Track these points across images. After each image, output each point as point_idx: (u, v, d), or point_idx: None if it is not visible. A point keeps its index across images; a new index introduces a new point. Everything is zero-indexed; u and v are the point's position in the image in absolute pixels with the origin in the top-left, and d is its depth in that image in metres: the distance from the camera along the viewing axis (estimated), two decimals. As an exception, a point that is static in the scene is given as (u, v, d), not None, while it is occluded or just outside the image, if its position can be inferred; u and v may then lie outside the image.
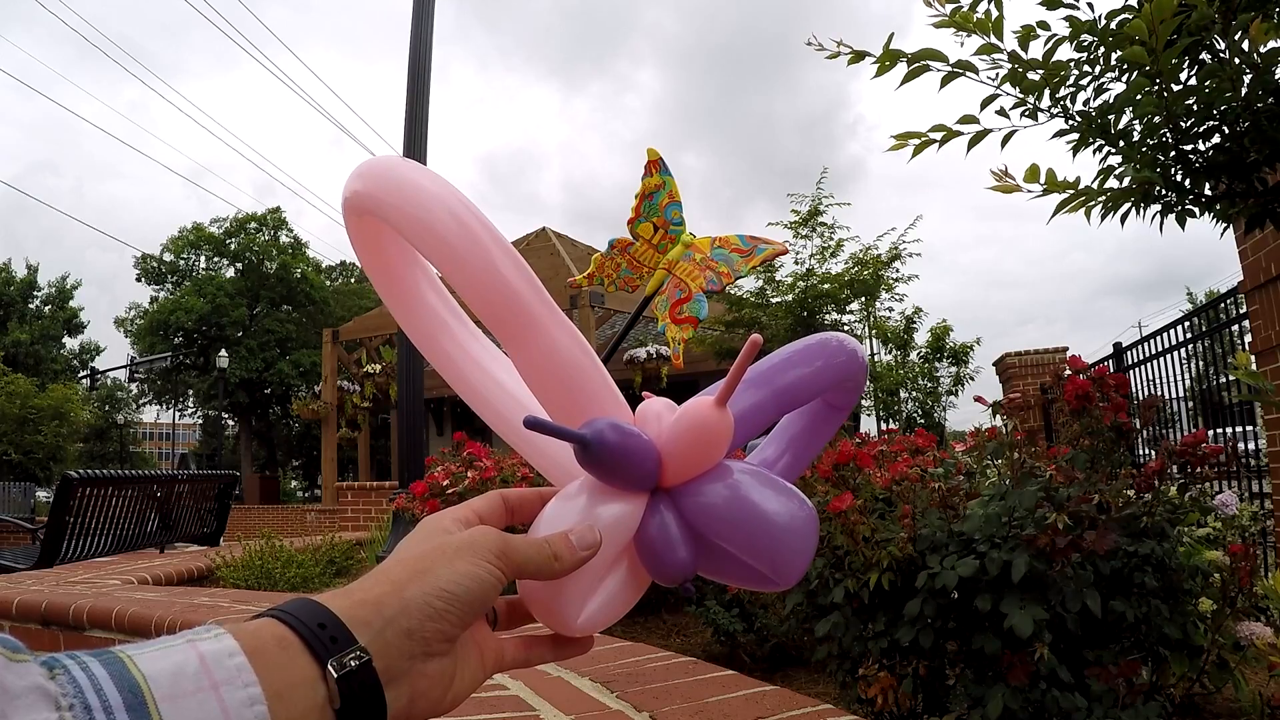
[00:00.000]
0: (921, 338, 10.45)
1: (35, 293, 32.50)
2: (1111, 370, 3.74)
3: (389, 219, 0.46)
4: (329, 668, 0.34)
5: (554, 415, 0.48)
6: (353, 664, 0.35)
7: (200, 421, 34.76)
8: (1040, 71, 1.69)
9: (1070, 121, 1.75)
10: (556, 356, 0.46)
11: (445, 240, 0.45)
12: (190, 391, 31.49)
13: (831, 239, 8.69)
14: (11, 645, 0.28)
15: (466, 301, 0.49)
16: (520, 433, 0.54)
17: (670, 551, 0.46)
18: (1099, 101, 1.75)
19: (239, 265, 30.07)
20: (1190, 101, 1.62)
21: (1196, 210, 1.71)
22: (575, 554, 0.43)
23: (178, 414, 33.10)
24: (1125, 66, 1.66)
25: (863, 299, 8.88)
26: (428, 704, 0.39)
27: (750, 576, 0.48)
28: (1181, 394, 4.88)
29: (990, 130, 1.72)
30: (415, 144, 4.22)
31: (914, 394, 10.59)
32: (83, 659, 0.29)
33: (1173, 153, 1.67)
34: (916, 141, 1.74)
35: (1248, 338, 3.55)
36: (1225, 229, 1.79)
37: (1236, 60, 1.56)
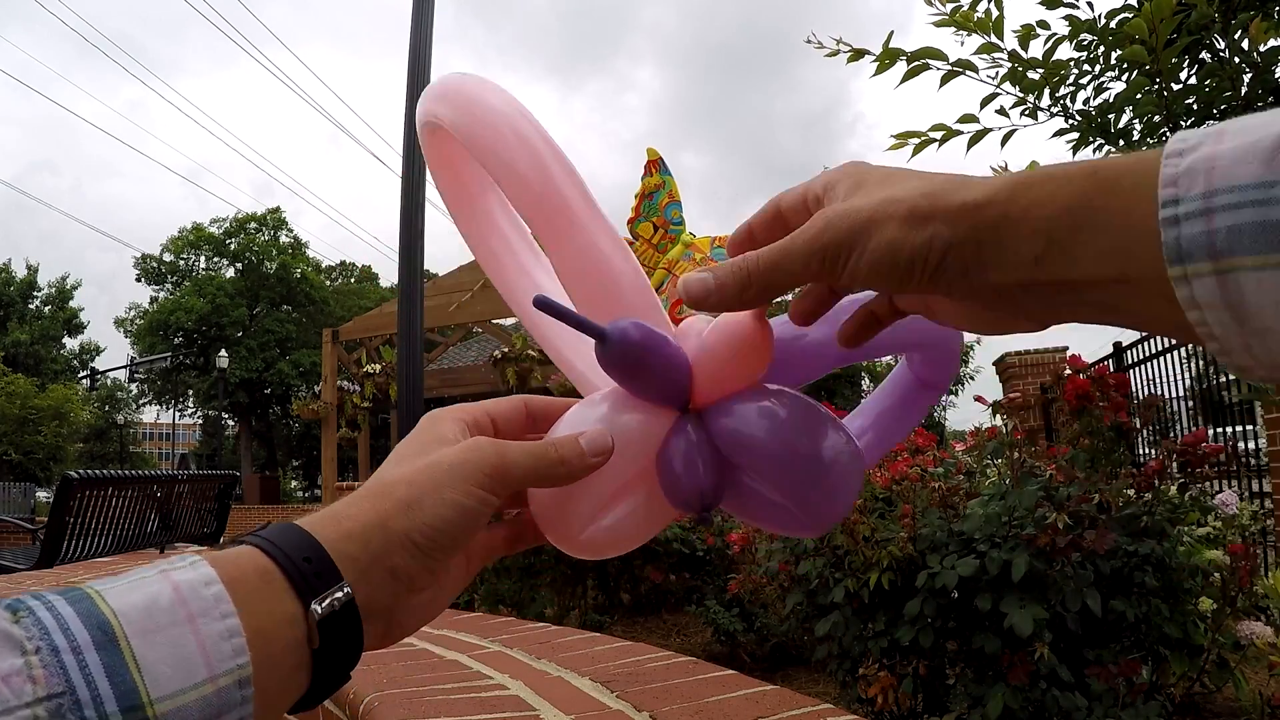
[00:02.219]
0: (921, 337, 10.45)
1: (35, 293, 32.51)
2: (1111, 370, 3.74)
3: (457, 134, 0.47)
4: (312, 608, 0.32)
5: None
6: (336, 605, 0.33)
7: (200, 421, 34.77)
8: (1040, 70, 1.69)
9: (1070, 120, 1.75)
10: (592, 253, 0.44)
11: (497, 148, 0.45)
12: (190, 391, 31.51)
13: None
14: None
15: (512, 200, 0.46)
16: (565, 350, 0.51)
17: (690, 470, 0.41)
18: (1099, 100, 1.75)
19: (239, 265, 30.09)
20: (1190, 100, 1.62)
21: (1196, 209, 1.71)
22: (585, 459, 0.39)
23: (178, 414, 33.12)
24: (1125, 65, 1.65)
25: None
26: (404, 631, 0.38)
27: (778, 517, 0.43)
28: (1181, 393, 4.88)
29: (990, 129, 1.72)
30: (415, 142, 4.22)
31: (914, 393, 10.58)
32: (48, 598, 0.27)
33: (1173, 152, 1.66)
34: (916, 141, 1.74)
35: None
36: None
37: (1236, 59, 1.56)
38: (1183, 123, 1.64)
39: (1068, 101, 1.75)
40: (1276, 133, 0.24)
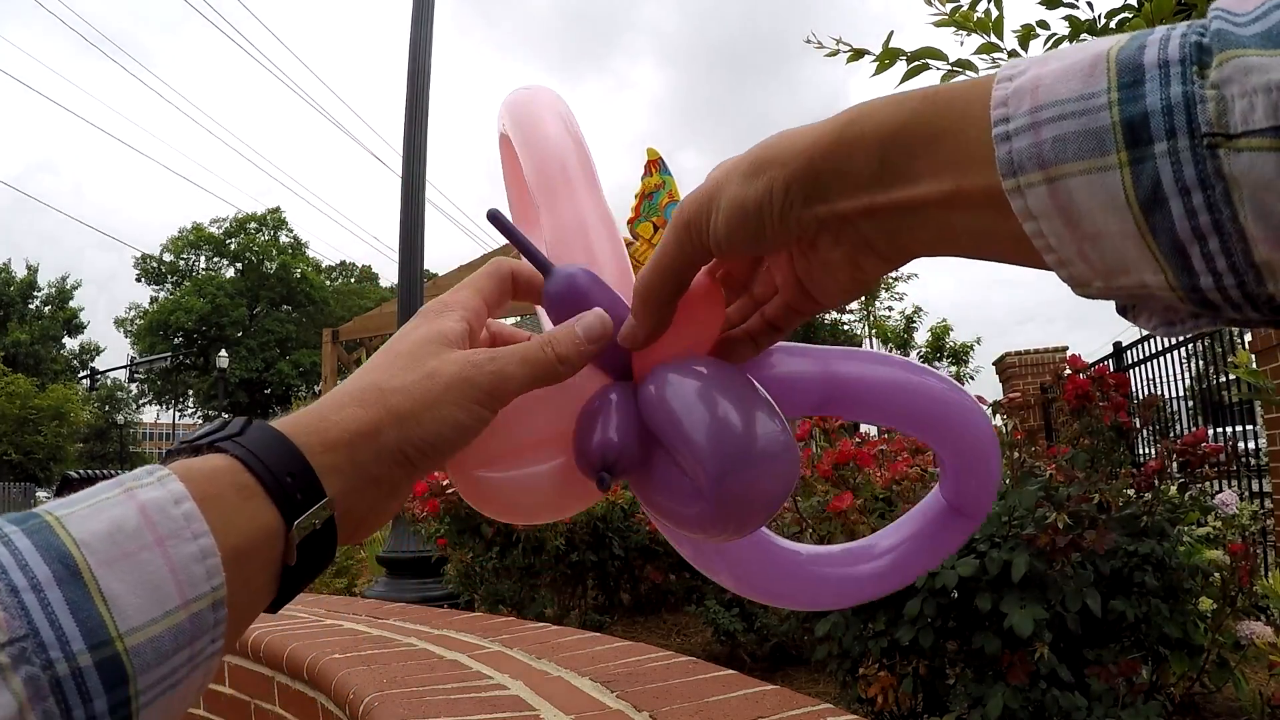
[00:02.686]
0: (921, 337, 10.48)
1: (35, 293, 32.54)
2: (1111, 369, 3.74)
3: (509, 131, 0.50)
4: (294, 528, 0.30)
5: None
6: (317, 523, 0.31)
7: (200, 422, 34.80)
8: (1040, 71, 1.69)
9: (1070, 121, 1.75)
10: (579, 223, 0.45)
11: (522, 121, 0.48)
12: (190, 391, 31.53)
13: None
14: None
15: (524, 168, 0.49)
16: None
17: (601, 425, 0.38)
18: (1099, 101, 1.75)
19: (239, 265, 30.11)
20: (1190, 100, 1.62)
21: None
22: (581, 348, 0.38)
23: (178, 414, 33.14)
24: (1125, 65, 1.65)
25: (862, 298, 8.90)
26: (369, 532, 0.36)
27: (685, 507, 0.37)
28: (1181, 393, 4.88)
29: (990, 129, 1.72)
30: (415, 142, 4.22)
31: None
32: (5, 532, 0.25)
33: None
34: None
35: (1248, 336, 3.55)
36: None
37: (1236, 59, 1.56)
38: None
39: (1068, 101, 1.75)
40: (1093, 52, 0.25)
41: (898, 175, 0.30)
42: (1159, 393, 4.79)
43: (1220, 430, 4.28)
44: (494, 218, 0.41)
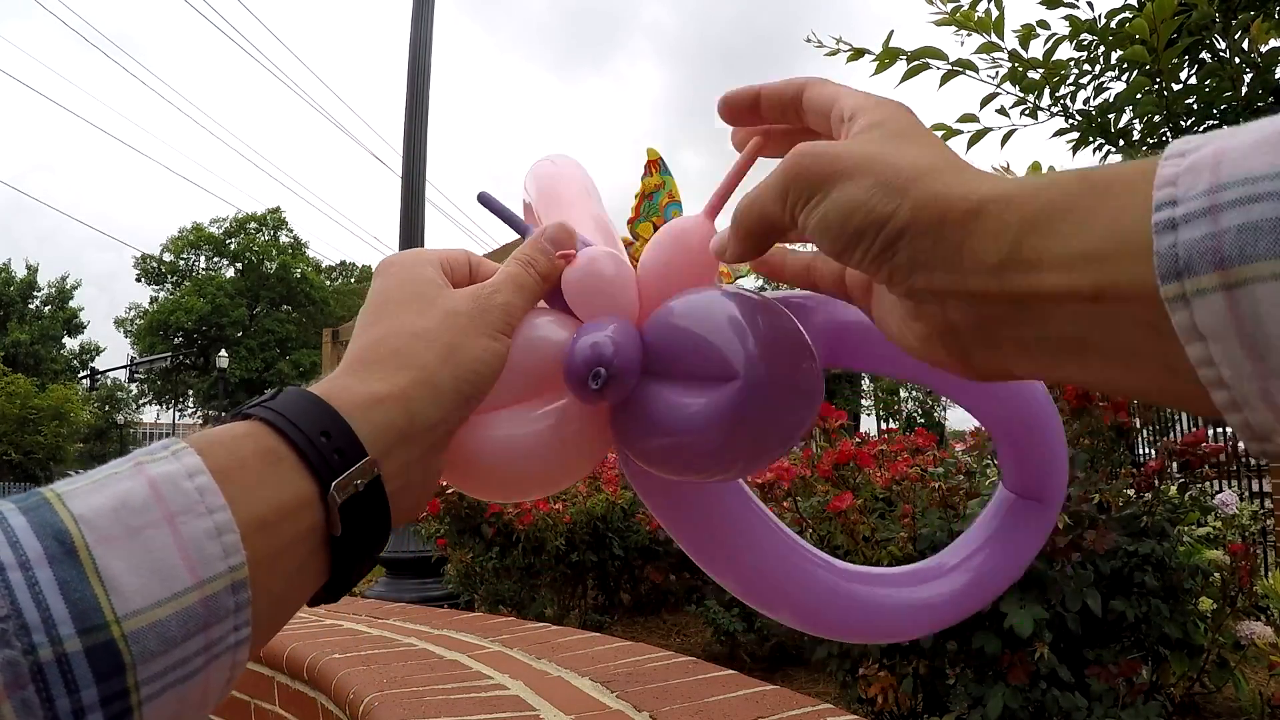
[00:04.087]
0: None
1: (35, 293, 32.54)
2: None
3: (533, 195, 0.50)
4: (331, 491, 0.27)
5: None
6: (360, 484, 0.28)
7: (200, 422, 34.76)
8: (1040, 70, 1.69)
9: (1070, 120, 1.75)
10: (561, 183, 0.46)
11: (539, 179, 0.48)
12: (190, 391, 31.53)
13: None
14: None
15: (535, 205, 0.50)
16: None
17: (583, 334, 0.35)
18: (1099, 100, 1.76)
19: (239, 265, 30.12)
20: (1190, 100, 1.62)
21: (1197, 209, 1.71)
22: (555, 260, 0.38)
23: (178, 414, 33.13)
24: (1125, 65, 1.66)
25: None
26: (425, 502, 0.34)
27: (687, 427, 0.33)
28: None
29: (990, 129, 1.72)
30: (415, 142, 4.22)
31: (914, 393, 10.59)
32: (2, 509, 0.23)
33: (1173, 152, 1.67)
34: (916, 141, 1.74)
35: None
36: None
37: (1237, 60, 1.56)
38: (1182, 122, 1.64)
39: (1068, 101, 1.75)
40: None
41: (1024, 262, 0.23)
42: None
43: (1220, 430, 4.28)
44: (484, 199, 0.41)
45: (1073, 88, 1.75)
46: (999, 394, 0.41)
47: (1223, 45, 1.62)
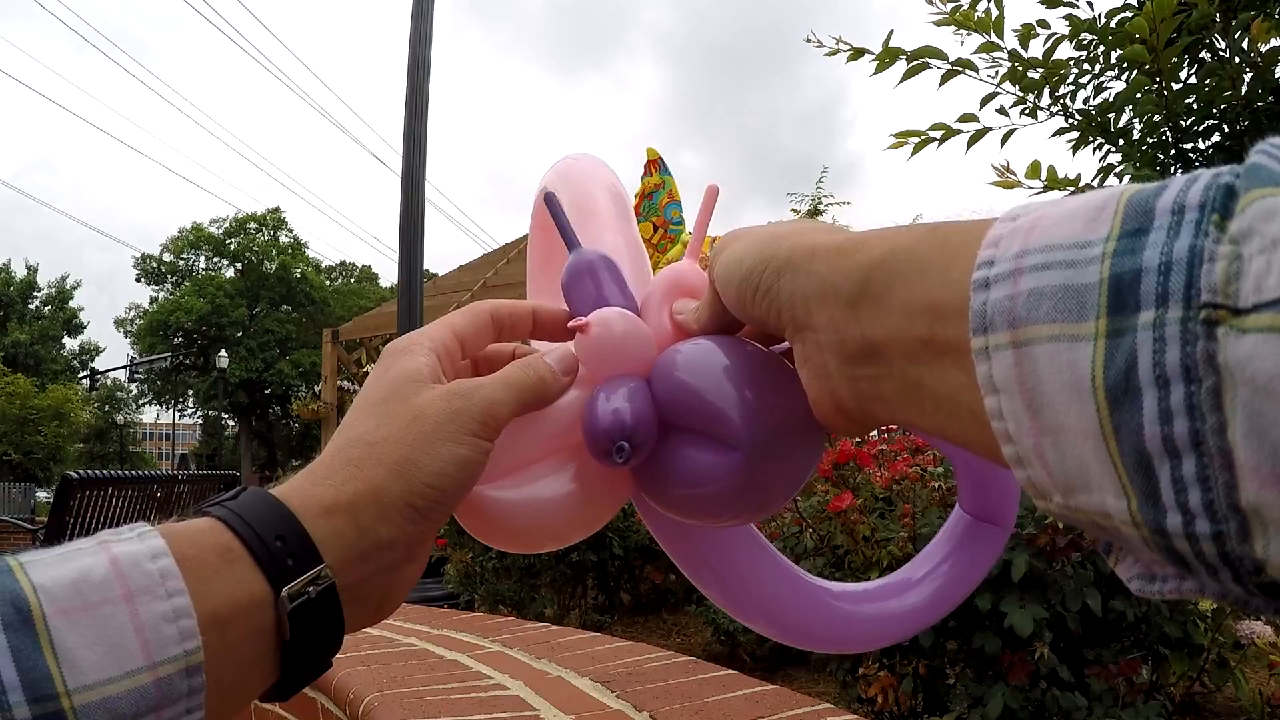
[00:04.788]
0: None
1: (35, 293, 32.55)
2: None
3: (556, 187, 0.51)
4: (282, 596, 0.27)
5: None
6: (312, 591, 0.28)
7: (200, 422, 34.78)
8: (1040, 70, 1.69)
9: (1070, 120, 1.75)
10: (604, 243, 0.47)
11: (568, 177, 0.50)
12: (190, 391, 31.53)
13: (831, 238, 8.73)
14: None
15: (566, 204, 0.51)
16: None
17: (603, 403, 0.36)
18: (1099, 100, 1.76)
19: (239, 265, 30.11)
20: (1190, 100, 1.62)
21: (1196, 209, 1.71)
22: (558, 377, 0.37)
23: (178, 414, 33.14)
24: (1125, 65, 1.66)
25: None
26: (396, 604, 0.33)
27: (706, 471, 0.35)
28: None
29: (990, 129, 1.72)
30: (415, 142, 4.22)
31: (914, 393, 10.60)
32: None
33: (1172, 151, 1.67)
34: (916, 140, 1.74)
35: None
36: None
37: (1237, 59, 1.56)
38: (1182, 122, 1.64)
39: (1068, 101, 1.75)
40: (1114, 193, 0.20)
41: (873, 303, 0.25)
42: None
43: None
44: (549, 200, 0.43)
45: (1072, 87, 1.75)
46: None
47: (1223, 45, 1.62)
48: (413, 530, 0.31)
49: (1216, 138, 1.66)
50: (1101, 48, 1.70)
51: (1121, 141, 1.71)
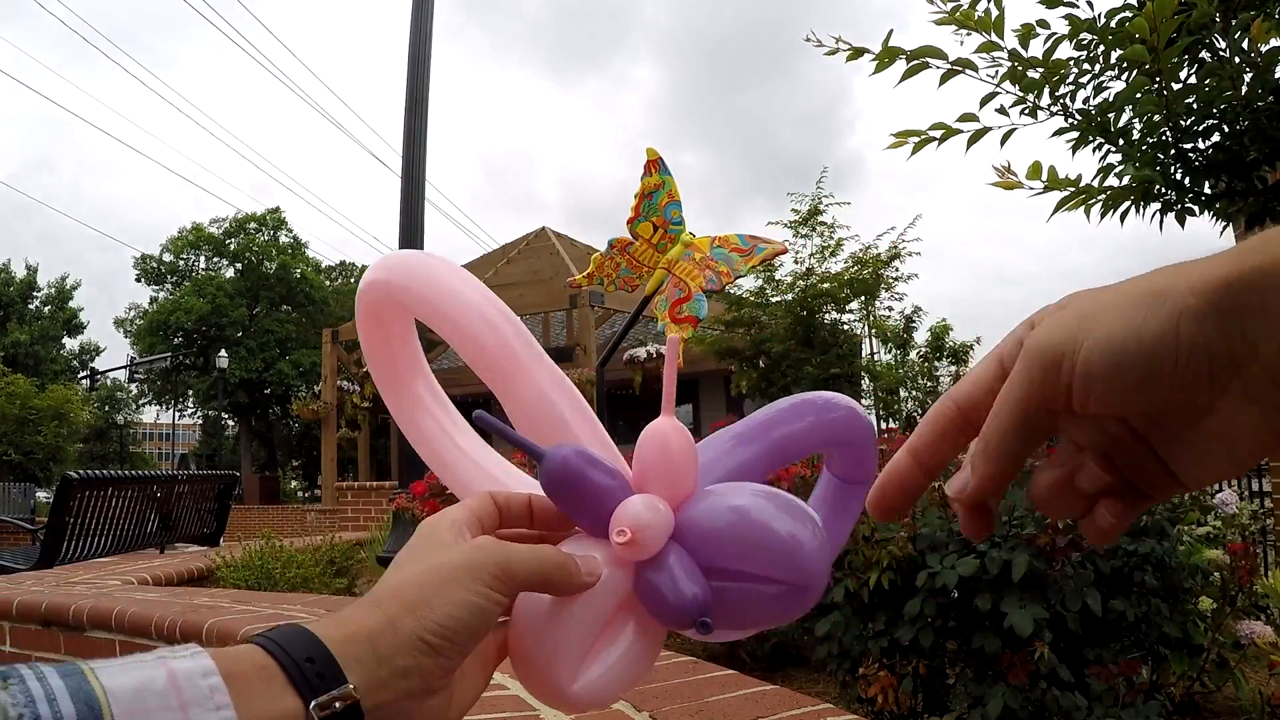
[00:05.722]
0: (921, 336, 10.45)
1: (35, 293, 32.54)
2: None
3: (407, 298, 0.51)
4: (312, 707, 0.32)
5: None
6: (338, 705, 0.32)
7: (200, 422, 34.75)
8: (1040, 69, 1.69)
9: (1070, 119, 1.75)
10: (541, 399, 0.47)
11: (450, 313, 0.49)
12: (190, 392, 31.51)
13: (831, 238, 8.70)
14: None
15: (466, 357, 0.50)
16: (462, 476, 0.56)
17: (675, 587, 0.41)
18: (1099, 100, 1.75)
19: (239, 265, 30.09)
20: (1190, 100, 1.62)
21: (1196, 208, 1.71)
22: (580, 575, 0.40)
23: (178, 414, 33.12)
24: (1125, 65, 1.65)
25: (862, 298, 8.91)
26: None
27: (766, 603, 0.42)
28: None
29: (990, 128, 1.72)
30: (415, 141, 4.22)
31: (913, 393, 10.58)
32: (41, 670, 0.28)
33: (1172, 151, 1.67)
34: (916, 140, 1.74)
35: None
36: (1225, 227, 1.79)
37: (1237, 59, 1.56)
38: (1182, 122, 1.64)
39: (1067, 100, 1.75)
40: None
41: None
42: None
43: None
44: (483, 420, 0.43)
45: (1072, 87, 1.75)
46: (832, 429, 0.52)
47: (1223, 45, 1.62)
48: (427, 663, 0.35)
49: (1216, 138, 1.66)
50: (1101, 48, 1.70)
51: (1121, 141, 1.71)
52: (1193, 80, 1.65)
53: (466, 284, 0.50)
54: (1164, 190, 1.70)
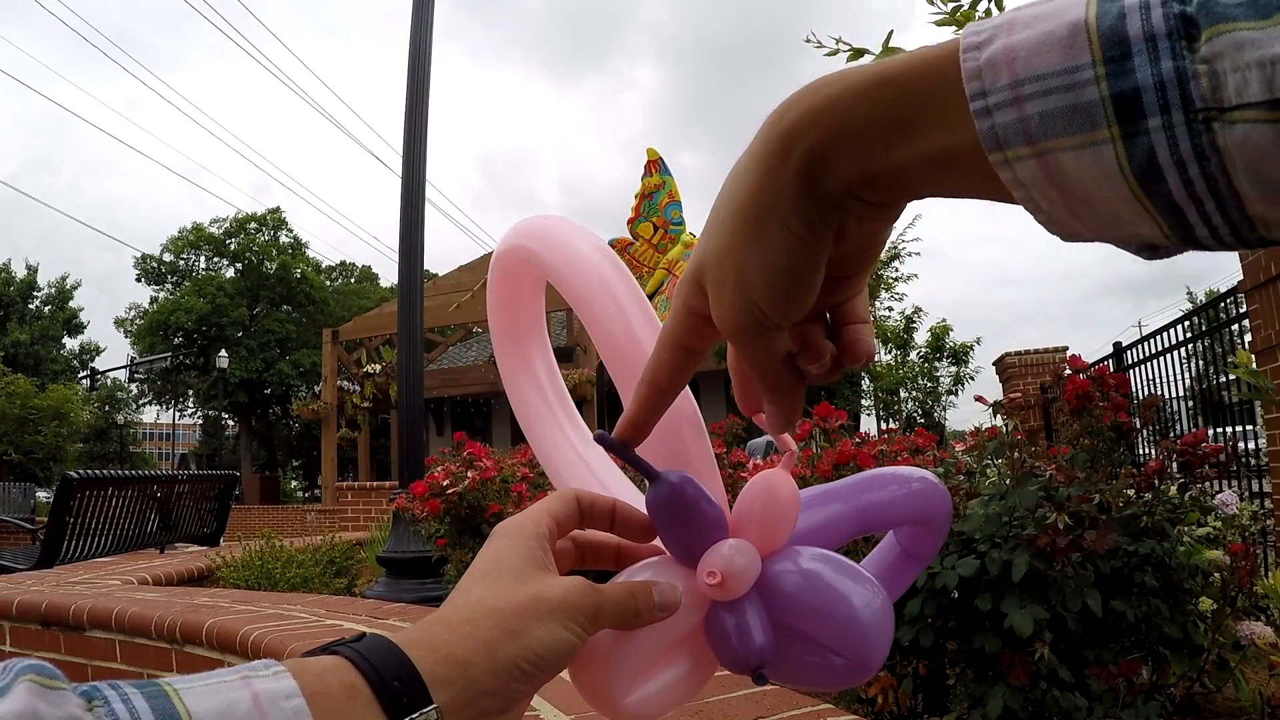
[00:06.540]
0: (921, 337, 10.45)
1: (35, 293, 32.56)
2: (1111, 369, 3.74)
3: (546, 273, 0.51)
4: None
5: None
6: None
7: (200, 422, 34.75)
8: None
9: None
10: (668, 419, 0.46)
11: (589, 301, 0.49)
12: (190, 392, 31.52)
13: (831, 238, 8.72)
14: (48, 672, 0.27)
15: (600, 350, 0.50)
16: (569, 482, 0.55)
17: (745, 635, 0.42)
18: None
19: (239, 265, 30.09)
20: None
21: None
22: (653, 613, 0.41)
23: (178, 414, 33.13)
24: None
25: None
26: None
27: (823, 670, 0.43)
28: (1181, 393, 4.88)
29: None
30: (415, 142, 4.22)
31: (914, 393, 10.59)
32: (124, 689, 0.28)
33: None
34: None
35: (1248, 337, 3.55)
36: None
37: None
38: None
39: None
40: (1068, 21, 0.25)
41: (903, 126, 0.29)
42: (1159, 393, 4.79)
43: (1220, 430, 4.28)
44: (603, 441, 0.43)
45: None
46: (913, 507, 0.51)
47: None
48: (515, 687, 0.36)
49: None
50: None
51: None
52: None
53: (605, 264, 0.49)
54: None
